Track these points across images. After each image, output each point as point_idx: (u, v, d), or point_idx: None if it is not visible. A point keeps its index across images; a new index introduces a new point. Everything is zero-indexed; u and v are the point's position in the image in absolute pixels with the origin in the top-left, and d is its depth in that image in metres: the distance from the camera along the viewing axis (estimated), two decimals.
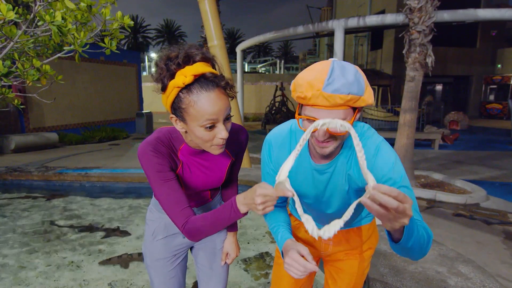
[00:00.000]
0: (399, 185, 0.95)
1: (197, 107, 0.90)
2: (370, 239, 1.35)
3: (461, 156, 7.50)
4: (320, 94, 0.84)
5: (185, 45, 0.94)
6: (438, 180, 5.17)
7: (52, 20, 1.31)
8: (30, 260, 2.79)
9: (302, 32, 10.68)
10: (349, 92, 0.84)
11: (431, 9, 4.41)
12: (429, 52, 4.42)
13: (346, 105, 0.86)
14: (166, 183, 0.99)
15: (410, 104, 4.56)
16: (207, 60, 0.94)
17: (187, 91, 0.90)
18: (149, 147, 1.00)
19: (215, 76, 0.91)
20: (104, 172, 4.97)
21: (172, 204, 0.98)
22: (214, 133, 0.95)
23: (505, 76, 16.94)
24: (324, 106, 0.86)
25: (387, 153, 1.00)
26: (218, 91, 0.91)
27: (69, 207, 4.10)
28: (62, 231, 3.42)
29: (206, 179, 1.16)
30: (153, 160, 0.99)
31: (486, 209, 4.04)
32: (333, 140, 0.93)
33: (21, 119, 8.24)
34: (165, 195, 0.99)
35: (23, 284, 2.43)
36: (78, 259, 2.83)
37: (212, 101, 0.90)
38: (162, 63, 0.92)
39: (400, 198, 0.66)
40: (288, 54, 56.98)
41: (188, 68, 0.89)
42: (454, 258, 2.21)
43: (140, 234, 3.34)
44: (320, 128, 0.87)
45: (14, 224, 3.55)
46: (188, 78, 0.88)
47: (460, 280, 1.93)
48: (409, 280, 1.91)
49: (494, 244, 3.09)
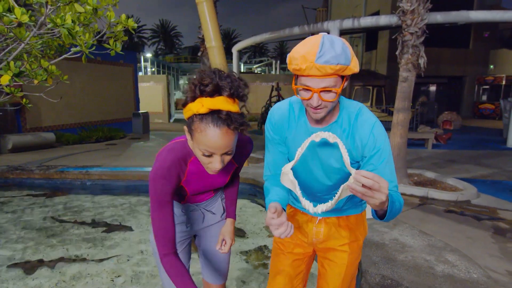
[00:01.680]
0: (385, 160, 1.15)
1: (201, 135, 0.96)
2: (359, 229, 1.42)
3: (454, 155, 7.65)
4: (313, 66, 0.98)
5: (223, 74, 0.97)
6: (431, 178, 5.29)
7: (63, 23, 1.38)
8: (36, 254, 2.87)
9: (298, 33, 10.79)
10: (337, 62, 0.98)
11: (423, 12, 4.52)
12: (421, 53, 4.54)
13: (335, 74, 1.01)
14: (162, 205, 1.09)
15: (403, 104, 4.68)
16: (234, 96, 0.97)
17: (200, 118, 0.96)
18: (161, 176, 1.09)
19: (229, 116, 0.94)
20: (104, 170, 5.05)
21: (160, 230, 1.08)
22: (210, 160, 1.02)
23: (498, 76, 17.20)
24: (316, 75, 1.01)
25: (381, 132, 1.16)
26: (225, 130, 0.96)
27: (71, 204, 4.18)
28: (66, 226, 3.49)
29: (212, 181, 1.27)
30: (159, 183, 1.09)
31: (476, 205, 4.16)
32: (324, 107, 1.08)
33: (17, 119, 8.25)
34: (158, 221, 1.09)
35: (31, 276, 2.50)
36: (83, 252, 2.91)
37: (216, 137, 0.95)
38: (192, 83, 0.96)
39: (376, 179, 0.85)
40: (283, 54, 57.14)
41: (208, 100, 0.93)
42: (442, 248, 2.33)
43: (142, 229, 3.42)
44: (314, 96, 1.02)
45: (18, 220, 3.62)
46: (203, 110, 0.93)
47: (446, 267, 2.04)
48: (399, 268, 2.02)
49: (483, 238, 3.21)
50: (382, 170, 1.13)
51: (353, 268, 1.45)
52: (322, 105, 1.07)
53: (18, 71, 1.48)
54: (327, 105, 1.07)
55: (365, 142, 1.14)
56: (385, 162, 1.14)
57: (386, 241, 2.44)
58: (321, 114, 1.10)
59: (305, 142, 1.02)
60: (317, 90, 1.03)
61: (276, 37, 11.69)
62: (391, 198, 1.00)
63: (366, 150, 1.15)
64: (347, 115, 1.18)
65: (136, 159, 6.60)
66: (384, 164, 1.14)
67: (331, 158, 1.20)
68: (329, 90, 1.03)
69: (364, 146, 1.15)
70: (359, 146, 1.16)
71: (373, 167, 1.14)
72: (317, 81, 1.01)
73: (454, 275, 1.96)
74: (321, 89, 1.03)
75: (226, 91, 0.94)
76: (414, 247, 2.35)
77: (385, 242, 2.43)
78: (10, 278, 2.47)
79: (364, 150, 1.16)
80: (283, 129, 1.25)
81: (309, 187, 1.32)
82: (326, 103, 1.07)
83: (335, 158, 1.19)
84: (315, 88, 1.03)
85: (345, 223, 1.40)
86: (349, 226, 1.40)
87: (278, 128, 1.27)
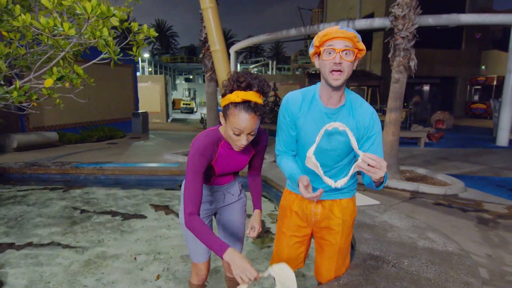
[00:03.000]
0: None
1: (234, 118, 1.31)
2: (349, 211, 1.66)
3: (445, 153, 7.96)
4: (337, 31, 1.33)
5: (253, 76, 1.34)
6: (422, 174, 5.58)
7: (101, 35, 1.62)
8: (63, 239, 3.12)
9: (295, 35, 11.08)
10: (353, 31, 1.33)
11: (414, 17, 4.80)
12: (412, 56, 4.82)
13: (352, 40, 1.34)
14: (196, 175, 1.39)
15: (395, 104, 4.95)
16: (260, 92, 1.33)
17: (234, 105, 1.31)
18: (199, 153, 1.40)
19: (256, 106, 1.30)
20: (117, 166, 5.34)
21: (190, 192, 1.37)
22: (238, 138, 1.35)
23: (489, 77, 17.63)
24: (339, 37, 1.34)
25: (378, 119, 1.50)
26: (252, 115, 1.31)
27: (87, 197, 4.42)
28: (85, 216, 3.73)
29: (235, 164, 1.60)
30: (198, 159, 1.39)
31: (463, 199, 4.45)
32: (343, 71, 1.36)
33: (21, 118, 8.43)
34: (190, 182, 1.38)
35: (61, 257, 2.77)
36: (104, 237, 3.17)
37: (245, 120, 1.30)
38: (231, 79, 1.33)
39: (378, 160, 1.19)
40: (279, 54, 57.46)
41: (243, 92, 1.30)
42: (424, 228, 2.64)
43: (156, 217, 3.68)
44: (337, 55, 1.34)
45: (40, 211, 3.84)
46: (238, 99, 1.29)
47: (427, 242, 2.35)
48: (387, 243, 2.34)
49: (467, 227, 3.49)
50: (379, 149, 1.48)
51: (346, 244, 1.71)
52: (342, 67, 1.35)
53: (60, 76, 1.71)
54: (345, 69, 1.36)
55: (367, 124, 1.47)
56: (379, 143, 1.50)
57: (377, 223, 2.74)
58: (340, 81, 1.37)
59: (321, 131, 1.32)
60: (340, 49, 1.33)
61: (273, 38, 11.96)
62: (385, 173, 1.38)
63: (367, 131, 1.48)
64: (352, 101, 1.50)
65: (138, 158, 6.82)
66: (378, 144, 1.49)
67: (341, 142, 1.50)
68: (348, 50, 1.34)
69: (366, 127, 1.48)
70: (361, 127, 1.48)
71: (372, 144, 1.48)
72: (340, 42, 1.34)
73: (433, 248, 2.26)
74: (343, 48, 1.33)
75: (255, 87, 1.31)
76: (401, 227, 2.64)
77: (375, 224, 2.73)
78: (44, 260, 2.72)
79: (365, 130, 1.48)
80: (296, 111, 1.52)
81: (324, 165, 1.57)
82: (345, 65, 1.35)
83: (344, 143, 1.49)
84: (337, 48, 1.33)
85: (338, 205, 1.65)
86: (341, 207, 1.65)
87: (291, 111, 1.53)
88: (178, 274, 2.52)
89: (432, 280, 1.82)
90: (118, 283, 2.38)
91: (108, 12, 1.60)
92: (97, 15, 1.59)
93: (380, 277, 1.85)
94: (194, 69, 39.78)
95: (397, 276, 1.86)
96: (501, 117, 9.15)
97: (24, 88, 1.79)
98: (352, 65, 1.38)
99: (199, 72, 40.99)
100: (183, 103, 27.40)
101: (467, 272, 1.89)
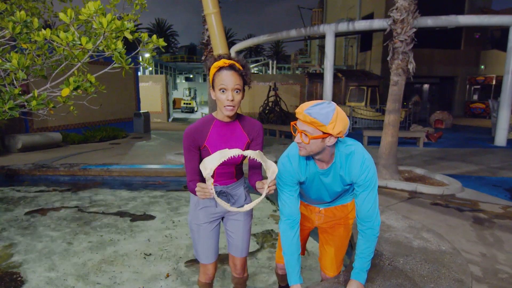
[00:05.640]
0: None
1: (218, 78, 1.54)
2: (351, 212, 1.87)
3: (443, 153, 8.08)
4: (302, 112, 1.45)
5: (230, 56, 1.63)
6: (420, 174, 5.70)
7: (115, 48, 1.73)
8: (75, 238, 3.25)
9: (295, 35, 11.17)
10: (316, 118, 1.41)
11: (412, 21, 4.91)
12: (410, 59, 4.92)
13: (312, 124, 1.43)
14: (189, 152, 1.65)
15: (394, 106, 5.06)
16: (241, 63, 1.59)
17: (218, 69, 1.55)
18: (185, 134, 1.65)
19: (234, 65, 1.55)
20: (124, 167, 5.49)
21: (188, 168, 1.65)
22: (226, 96, 1.53)
23: (488, 76, 17.74)
24: (301, 120, 1.46)
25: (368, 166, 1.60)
26: (232, 72, 1.53)
27: (96, 198, 4.55)
28: (94, 216, 3.86)
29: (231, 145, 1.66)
30: (185, 141, 1.65)
31: (460, 199, 4.57)
32: (303, 147, 1.52)
33: (25, 119, 8.54)
34: (186, 160, 1.66)
35: (75, 256, 2.90)
36: (114, 237, 3.30)
37: (227, 76, 1.53)
38: (212, 58, 1.61)
39: None
40: (279, 53, 57.50)
41: (223, 60, 1.55)
42: (420, 228, 2.77)
43: (163, 218, 3.81)
44: (298, 134, 1.50)
45: (52, 212, 3.97)
46: (221, 64, 1.54)
47: (421, 242, 2.47)
48: (383, 243, 2.48)
49: (463, 227, 3.61)
50: (369, 195, 1.60)
51: (347, 240, 1.89)
52: (302, 145, 1.50)
53: (76, 85, 1.83)
54: (304, 146, 1.50)
55: (357, 175, 1.59)
56: (371, 188, 1.61)
57: None
58: (302, 152, 1.53)
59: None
60: (300, 131, 1.48)
61: (274, 38, 12.06)
62: (364, 268, 1.70)
63: (358, 180, 1.60)
64: (341, 157, 1.61)
65: (141, 158, 6.93)
66: (370, 191, 1.60)
67: (332, 183, 1.66)
68: (305, 134, 1.45)
69: (356, 177, 1.60)
70: (353, 177, 1.61)
71: (363, 190, 1.61)
72: (300, 123, 1.49)
73: (427, 247, 2.39)
74: (301, 130, 1.47)
75: (234, 59, 1.58)
76: (397, 227, 2.77)
77: None
78: (58, 258, 2.84)
79: (356, 179, 1.61)
80: (299, 175, 1.66)
81: (319, 199, 1.78)
82: (303, 144, 1.49)
83: (335, 183, 1.66)
84: (299, 128, 1.49)
85: (341, 209, 1.87)
86: (342, 210, 1.84)
87: (293, 176, 1.66)
88: (187, 273, 2.65)
89: (426, 277, 1.94)
90: (130, 281, 2.50)
91: (122, 26, 1.71)
92: (112, 29, 1.70)
93: (377, 274, 1.98)
94: (194, 68, 39.83)
95: (392, 274, 1.98)
96: (499, 117, 9.26)
97: (41, 96, 1.90)
98: (315, 142, 1.48)
99: (199, 71, 41.05)
100: (183, 103, 27.51)
101: (458, 269, 2.01)
